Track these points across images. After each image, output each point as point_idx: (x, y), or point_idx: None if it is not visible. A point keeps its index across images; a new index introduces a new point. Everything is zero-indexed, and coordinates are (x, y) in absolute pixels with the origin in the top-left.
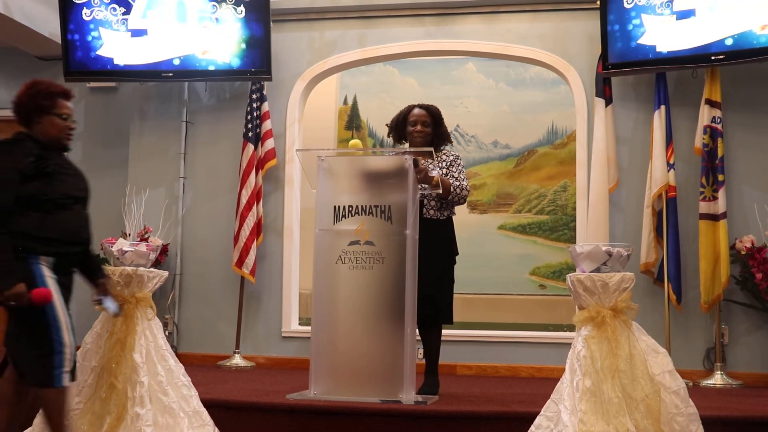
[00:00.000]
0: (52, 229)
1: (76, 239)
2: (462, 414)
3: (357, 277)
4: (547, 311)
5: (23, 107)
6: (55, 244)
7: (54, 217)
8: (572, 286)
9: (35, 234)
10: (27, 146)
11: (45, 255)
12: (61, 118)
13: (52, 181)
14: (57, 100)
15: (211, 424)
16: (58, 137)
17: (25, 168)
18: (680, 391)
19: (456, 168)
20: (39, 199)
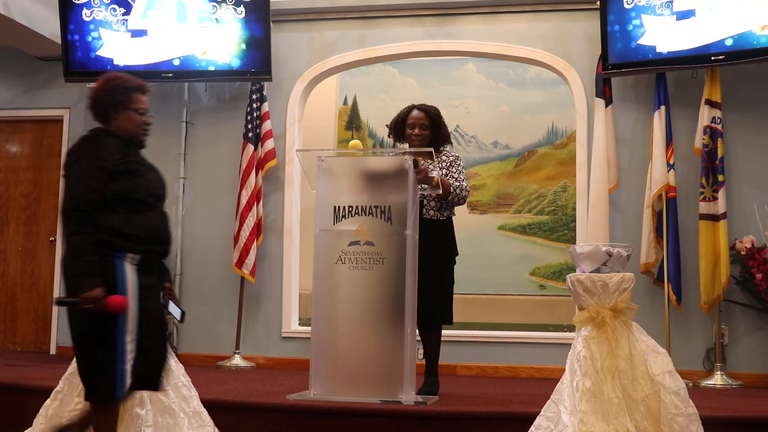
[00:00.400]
0: (138, 227)
1: (161, 238)
2: (462, 414)
3: (357, 278)
4: (547, 311)
5: (100, 103)
6: (141, 242)
7: (139, 215)
8: (572, 286)
9: (123, 231)
10: (112, 143)
11: (131, 252)
12: (138, 113)
13: (136, 178)
14: (134, 95)
15: (211, 425)
16: (135, 133)
17: (112, 165)
18: (680, 392)
19: (456, 168)
20: (125, 197)
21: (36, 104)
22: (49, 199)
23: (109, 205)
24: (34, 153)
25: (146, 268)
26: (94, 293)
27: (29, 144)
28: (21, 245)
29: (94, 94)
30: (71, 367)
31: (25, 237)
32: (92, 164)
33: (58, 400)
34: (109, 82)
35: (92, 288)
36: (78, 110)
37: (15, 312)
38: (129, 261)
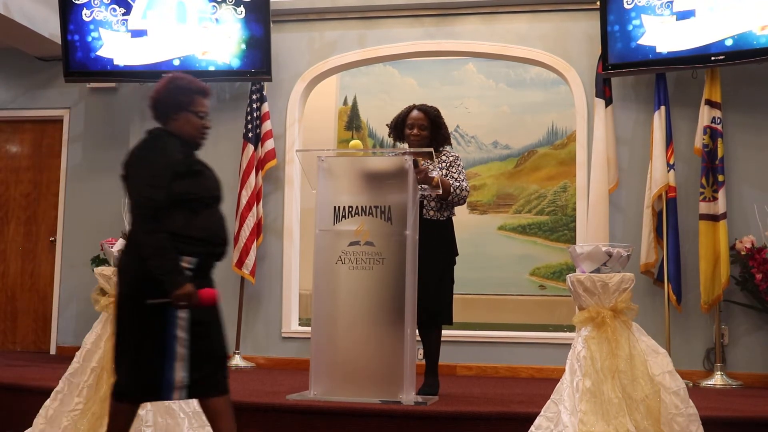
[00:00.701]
0: (198, 228)
1: (220, 240)
2: (462, 414)
3: (357, 278)
4: (547, 312)
5: (161, 103)
6: (200, 244)
7: (200, 216)
8: (572, 286)
9: (183, 233)
10: (174, 143)
11: (189, 255)
12: (198, 116)
13: (198, 179)
14: (195, 97)
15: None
16: (194, 135)
17: (176, 165)
18: (680, 392)
19: (456, 168)
20: (187, 198)
21: (36, 104)
22: (49, 199)
23: (170, 206)
24: (34, 153)
25: (202, 271)
26: (186, 289)
27: (29, 144)
28: (21, 245)
29: (156, 93)
30: (71, 368)
31: (25, 237)
32: (158, 163)
33: (58, 400)
34: (172, 82)
35: (183, 284)
36: (78, 110)
37: (15, 312)
38: (186, 265)
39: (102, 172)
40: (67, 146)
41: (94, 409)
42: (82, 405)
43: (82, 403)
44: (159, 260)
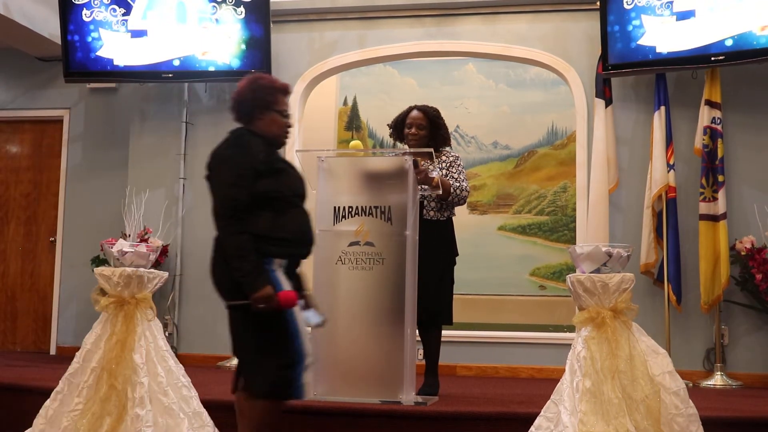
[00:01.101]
0: (286, 229)
1: (308, 240)
2: (462, 415)
3: (357, 278)
4: (547, 312)
5: (246, 103)
6: (288, 245)
7: (287, 216)
8: (572, 286)
9: (270, 235)
10: (257, 142)
11: (279, 257)
12: (282, 115)
13: (282, 177)
14: (279, 96)
15: (211, 425)
16: (278, 135)
17: (258, 164)
18: (680, 392)
19: (456, 169)
20: (272, 197)
21: (36, 104)
22: (49, 199)
23: (254, 207)
24: (34, 153)
25: (291, 272)
26: (266, 291)
27: (29, 144)
28: (21, 245)
29: (239, 94)
30: (71, 368)
31: (25, 237)
32: (241, 164)
33: (58, 401)
34: (256, 81)
35: (263, 286)
36: (78, 110)
37: (15, 312)
38: (277, 267)
39: (102, 172)
40: (67, 146)
41: (94, 409)
42: (82, 405)
43: (82, 403)
44: (239, 262)
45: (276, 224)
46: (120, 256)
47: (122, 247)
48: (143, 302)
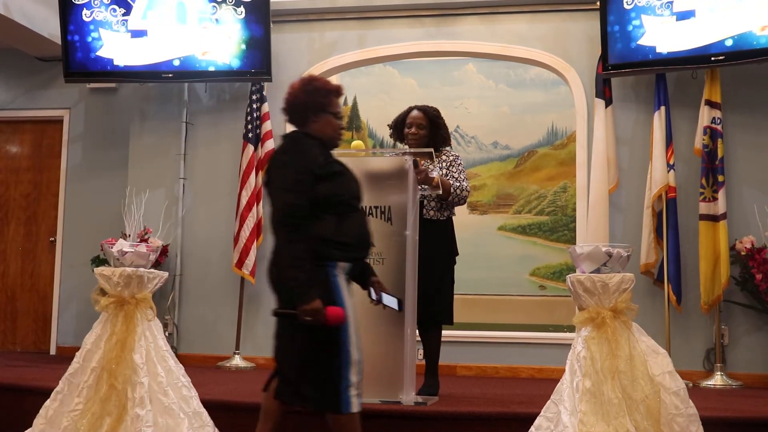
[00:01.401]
0: (348, 233)
1: (367, 243)
2: (462, 415)
3: None
4: (547, 312)
5: (301, 105)
6: (351, 248)
7: (348, 220)
8: (572, 286)
9: (334, 239)
10: (314, 145)
11: (342, 261)
12: (336, 117)
13: (340, 181)
14: (332, 98)
15: (211, 425)
16: (332, 137)
17: (317, 168)
18: (680, 392)
19: (456, 168)
20: (333, 201)
21: (36, 104)
22: (49, 199)
23: (316, 211)
24: (34, 153)
25: (351, 275)
26: (314, 305)
27: (29, 144)
28: (21, 245)
29: (293, 96)
30: (71, 368)
31: (25, 237)
32: (299, 168)
33: (58, 401)
34: (309, 83)
35: (312, 300)
36: (78, 110)
37: (15, 312)
38: (341, 270)
39: (102, 172)
40: (67, 146)
41: (94, 409)
42: (82, 405)
43: (82, 403)
44: (293, 271)
45: (338, 228)
46: (120, 256)
47: (122, 247)
48: (143, 302)
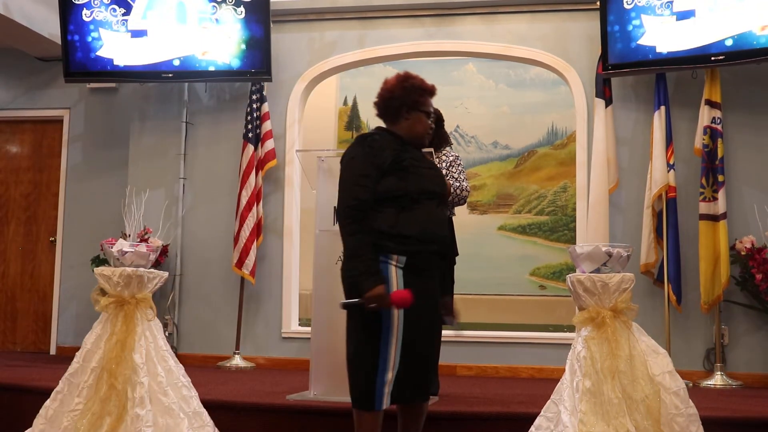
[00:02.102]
0: (407, 225)
1: (432, 237)
2: (462, 415)
3: None
4: (547, 312)
5: (396, 101)
6: (409, 241)
7: (409, 213)
8: (572, 286)
9: (390, 231)
10: (385, 140)
11: (398, 254)
12: (427, 116)
13: (407, 175)
14: (427, 98)
15: (211, 425)
16: (422, 134)
17: (382, 163)
18: (680, 392)
19: (456, 168)
20: (395, 194)
21: (36, 104)
22: (49, 199)
23: (380, 204)
24: (34, 153)
25: (418, 270)
26: (376, 291)
27: (29, 144)
28: (21, 245)
29: (389, 92)
30: (71, 368)
31: (25, 237)
32: (365, 162)
33: (58, 401)
34: (407, 80)
35: (374, 286)
36: (78, 110)
37: (15, 312)
38: (394, 263)
39: (102, 172)
40: (67, 146)
41: (94, 409)
42: (82, 405)
43: (81, 403)
44: (354, 262)
45: (397, 221)
46: (120, 256)
47: (122, 247)
48: (143, 302)
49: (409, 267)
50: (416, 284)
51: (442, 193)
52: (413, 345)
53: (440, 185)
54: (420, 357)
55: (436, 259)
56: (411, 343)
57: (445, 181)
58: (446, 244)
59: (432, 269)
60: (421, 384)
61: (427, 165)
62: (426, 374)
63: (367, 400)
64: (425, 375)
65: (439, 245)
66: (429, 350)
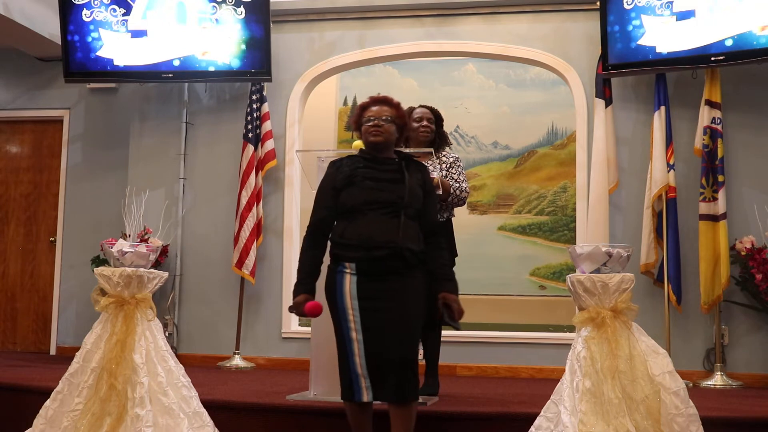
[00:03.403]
0: (352, 235)
1: (376, 243)
2: (462, 415)
3: None
4: (547, 312)
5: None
6: (355, 249)
7: (355, 223)
8: (572, 286)
9: (339, 241)
10: (347, 161)
11: (348, 261)
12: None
13: (354, 190)
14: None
15: (211, 425)
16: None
17: (337, 182)
18: (680, 392)
19: (456, 170)
20: (344, 208)
21: (36, 105)
22: (49, 199)
23: (338, 218)
24: (34, 153)
25: (370, 274)
26: (296, 300)
27: (29, 144)
28: (21, 245)
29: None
30: (71, 368)
31: (25, 237)
32: (325, 184)
33: (58, 401)
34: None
35: (297, 295)
36: (78, 110)
37: (15, 312)
38: (348, 271)
39: (102, 172)
40: (67, 146)
41: (94, 409)
42: (82, 405)
43: (82, 403)
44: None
45: (344, 232)
46: (120, 256)
47: (122, 247)
48: (143, 302)
49: (362, 272)
50: (369, 288)
51: (393, 201)
52: (369, 345)
53: (394, 194)
54: (379, 357)
55: (388, 262)
56: (368, 344)
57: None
58: (396, 248)
59: (385, 273)
60: (391, 384)
61: (385, 178)
62: (393, 375)
63: (345, 391)
64: (393, 376)
65: (386, 250)
66: (388, 351)
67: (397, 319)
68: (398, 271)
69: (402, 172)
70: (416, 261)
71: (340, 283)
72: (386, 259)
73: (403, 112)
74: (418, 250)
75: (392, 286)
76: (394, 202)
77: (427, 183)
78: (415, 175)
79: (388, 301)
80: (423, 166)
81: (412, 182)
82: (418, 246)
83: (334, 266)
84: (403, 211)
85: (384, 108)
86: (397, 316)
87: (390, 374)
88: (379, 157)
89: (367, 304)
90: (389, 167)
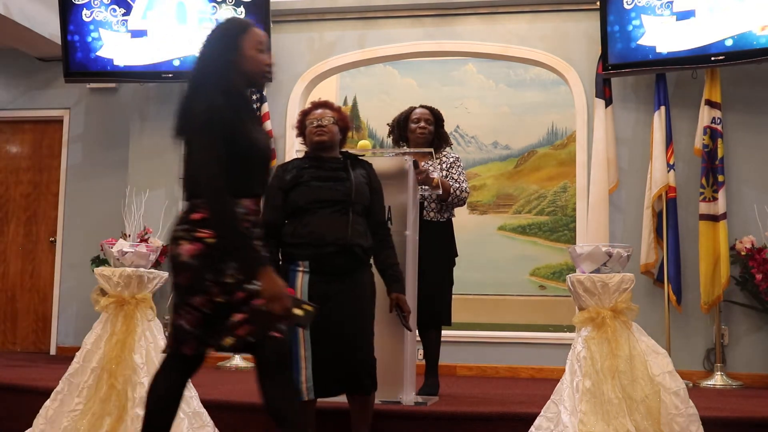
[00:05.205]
0: (301, 233)
1: (324, 240)
2: (462, 415)
3: None
4: (547, 312)
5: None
6: (305, 247)
7: (303, 222)
8: (572, 286)
9: (289, 241)
10: (292, 164)
11: (300, 259)
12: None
13: (301, 189)
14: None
15: (211, 425)
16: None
17: (284, 185)
18: (680, 392)
19: (456, 170)
20: (292, 208)
21: (36, 105)
22: (49, 199)
23: (288, 219)
24: (34, 153)
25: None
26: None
27: (29, 144)
28: (21, 245)
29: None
30: (71, 368)
31: (25, 237)
32: (271, 188)
33: (58, 401)
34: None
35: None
36: (78, 110)
37: (15, 312)
38: (301, 269)
39: (102, 172)
40: (67, 146)
41: (94, 409)
42: (82, 405)
43: (82, 403)
44: None
45: (294, 231)
46: (120, 256)
47: (122, 247)
48: (143, 302)
49: (314, 271)
50: (320, 286)
51: (340, 199)
52: (318, 343)
53: (340, 192)
54: (330, 354)
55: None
56: (316, 342)
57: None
58: (345, 245)
59: (337, 272)
60: (343, 378)
61: (331, 177)
62: (346, 369)
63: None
64: (345, 369)
65: (336, 246)
66: (339, 347)
67: (350, 319)
68: (349, 271)
69: (347, 170)
70: (366, 257)
71: (293, 282)
72: (336, 256)
73: (345, 115)
74: (368, 246)
75: (343, 287)
76: (342, 200)
77: (372, 180)
78: (360, 173)
79: (332, 299)
80: (368, 164)
81: (357, 180)
82: (367, 242)
83: (287, 265)
84: (351, 208)
85: (326, 111)
86: (345, 313)
87: (339, 370)
88: (325, 157)
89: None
90: (334, 166)
